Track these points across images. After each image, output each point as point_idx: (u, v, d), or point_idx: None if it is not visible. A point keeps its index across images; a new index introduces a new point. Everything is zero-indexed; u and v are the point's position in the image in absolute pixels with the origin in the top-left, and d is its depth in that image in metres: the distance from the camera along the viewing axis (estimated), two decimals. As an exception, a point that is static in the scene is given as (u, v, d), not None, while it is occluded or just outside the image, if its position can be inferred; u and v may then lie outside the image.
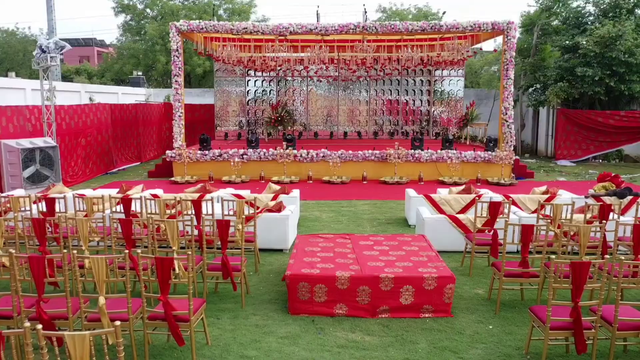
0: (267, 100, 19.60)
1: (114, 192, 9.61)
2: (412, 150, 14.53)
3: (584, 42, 17.67)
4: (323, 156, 14.46)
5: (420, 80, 19.52)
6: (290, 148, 14.60)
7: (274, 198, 8.95)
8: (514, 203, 8.20)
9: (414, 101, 19.60)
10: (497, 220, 6.60)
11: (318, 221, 9.66)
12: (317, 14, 18.45)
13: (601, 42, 17.32)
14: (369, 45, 15.45)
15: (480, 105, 19.83)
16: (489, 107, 22.03)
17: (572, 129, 19.03)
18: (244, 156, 14.51)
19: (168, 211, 7.29)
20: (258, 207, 8.70)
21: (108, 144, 16.40)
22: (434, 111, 19.47)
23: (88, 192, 9.90)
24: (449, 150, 14.55)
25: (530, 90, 20.77)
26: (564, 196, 9.10)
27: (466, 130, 18.11)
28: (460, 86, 19.42)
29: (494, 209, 6.47)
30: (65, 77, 37.49)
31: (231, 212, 6.86)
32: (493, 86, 23.68)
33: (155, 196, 9.17)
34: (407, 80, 19.49)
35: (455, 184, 13.76)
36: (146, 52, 29.46)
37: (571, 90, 18.34)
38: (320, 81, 19.64)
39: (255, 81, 19.62)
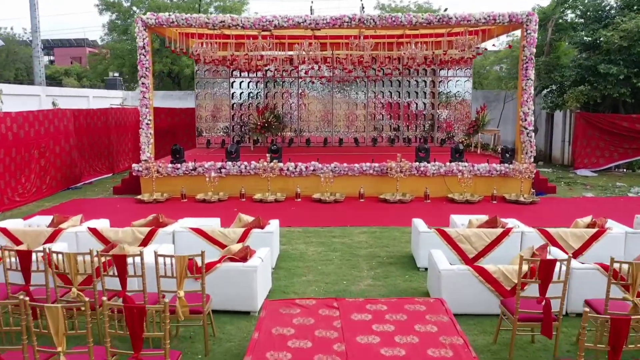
0: (255, 103, 17.64)
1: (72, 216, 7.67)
2: (417, 163, 12.54)
3: (608, 35, 15.72)
4: (313, 170, 12.48)
5: (424, 81, 17.55)
6: (275, 160, 12.59)
7: (244, 234, 7.00)
8: (561, 248, 6.26)
9: (416, 104, 17.63)
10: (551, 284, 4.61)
11: (302, 259, 7.68)
12: (311, 10, 16.53)
13: (628, 37, 15.38)
14: (366, 42, 13.47)
15: (488, 108, 17.84)
16: (499, 110, 20.08)
17: (593, 134, 17.04)
18: (222, 170, 12.51)
19: (97, 261, 5.29)
20: (222, 245, 6.76)
21: (70, 155, 14.38)
22: (438, 115, 17.51)
23: (17, 223, 7.95)
24: (460, 163, 12.54)
25: (545, 91, 18.81)
26: (615, 230, 7.15)
27: (476, 137, 16.14)
28: (468, 87, 17.44)
29: (546, 270, 4.46)
30: (55, 79, 35.49)
31: (171, 273, 4.85)
32: (500, 87, 21.72)
33: (93, 231, 7.23)
34: (408, 81, 17.52)
35: (467, 202, 11.83)
36: (132, 52, 27.62)
37: (593, 92, 16.39)
38: (313, 82, 17.66)
39: (241, 83, 17.65)
